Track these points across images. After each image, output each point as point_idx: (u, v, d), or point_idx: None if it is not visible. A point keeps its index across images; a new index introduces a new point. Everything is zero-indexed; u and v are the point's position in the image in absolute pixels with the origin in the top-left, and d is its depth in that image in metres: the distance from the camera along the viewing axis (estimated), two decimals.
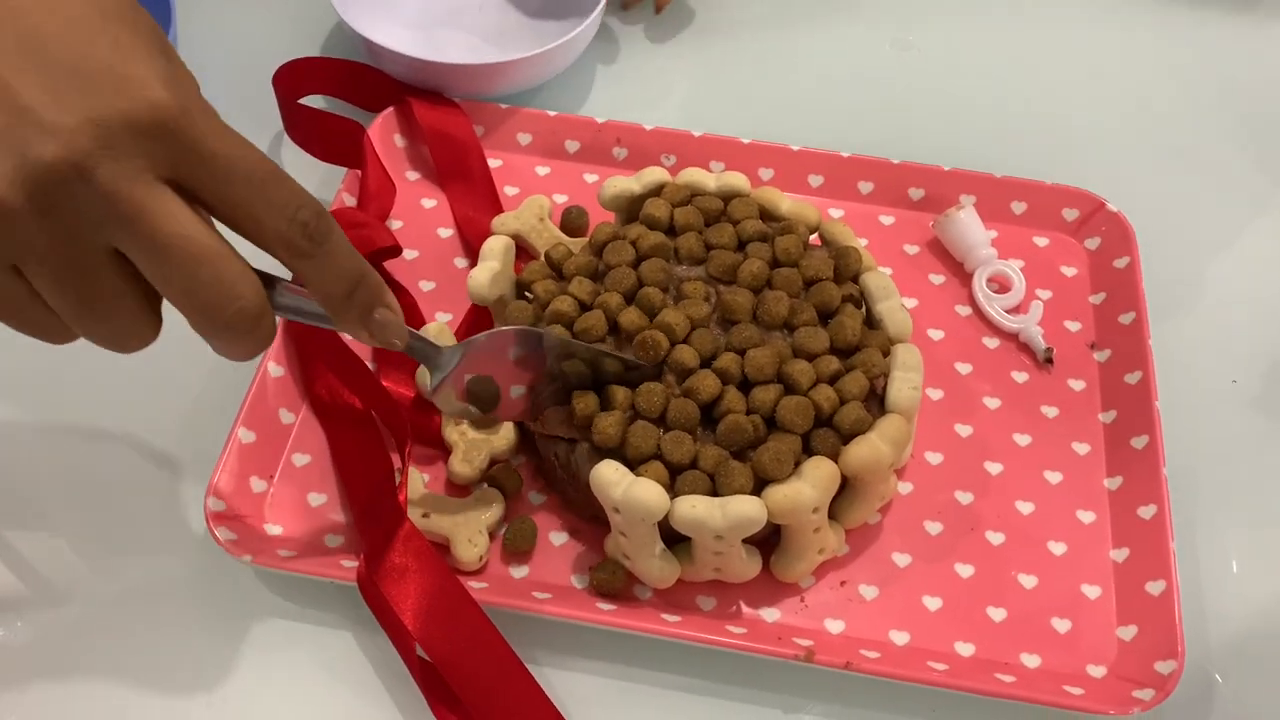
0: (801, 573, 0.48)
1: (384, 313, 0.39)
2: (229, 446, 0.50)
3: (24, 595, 0.49)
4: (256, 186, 0.33)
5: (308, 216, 0.34)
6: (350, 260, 0.37)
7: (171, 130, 0.32)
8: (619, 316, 0.49)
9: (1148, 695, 0.44)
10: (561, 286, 0.51)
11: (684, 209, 0.53)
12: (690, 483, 0.45)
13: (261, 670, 0.47)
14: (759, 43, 0.73)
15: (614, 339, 0.49)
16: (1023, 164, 0.63)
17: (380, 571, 0.45)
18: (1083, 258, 0.61)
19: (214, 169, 0.33)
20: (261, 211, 0.34)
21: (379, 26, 0.67)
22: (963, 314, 0.59)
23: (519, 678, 0.44)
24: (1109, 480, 0.53)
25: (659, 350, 0.48)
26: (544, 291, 0.51)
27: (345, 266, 0.37)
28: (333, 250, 0.36)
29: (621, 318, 0.49)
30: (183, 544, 0.50)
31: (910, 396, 0.47)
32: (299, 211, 0.34)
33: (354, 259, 0.37)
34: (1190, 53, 0.74)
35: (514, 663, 0.44)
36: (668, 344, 0.48)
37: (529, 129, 0.64)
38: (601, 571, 0.48)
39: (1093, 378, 0.56)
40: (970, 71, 0.72)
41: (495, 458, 0.51)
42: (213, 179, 0.33)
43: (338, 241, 0.36)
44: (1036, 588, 0.49)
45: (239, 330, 0.35)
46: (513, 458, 0.52)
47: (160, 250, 0.32)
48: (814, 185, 0.63)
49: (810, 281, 0.50)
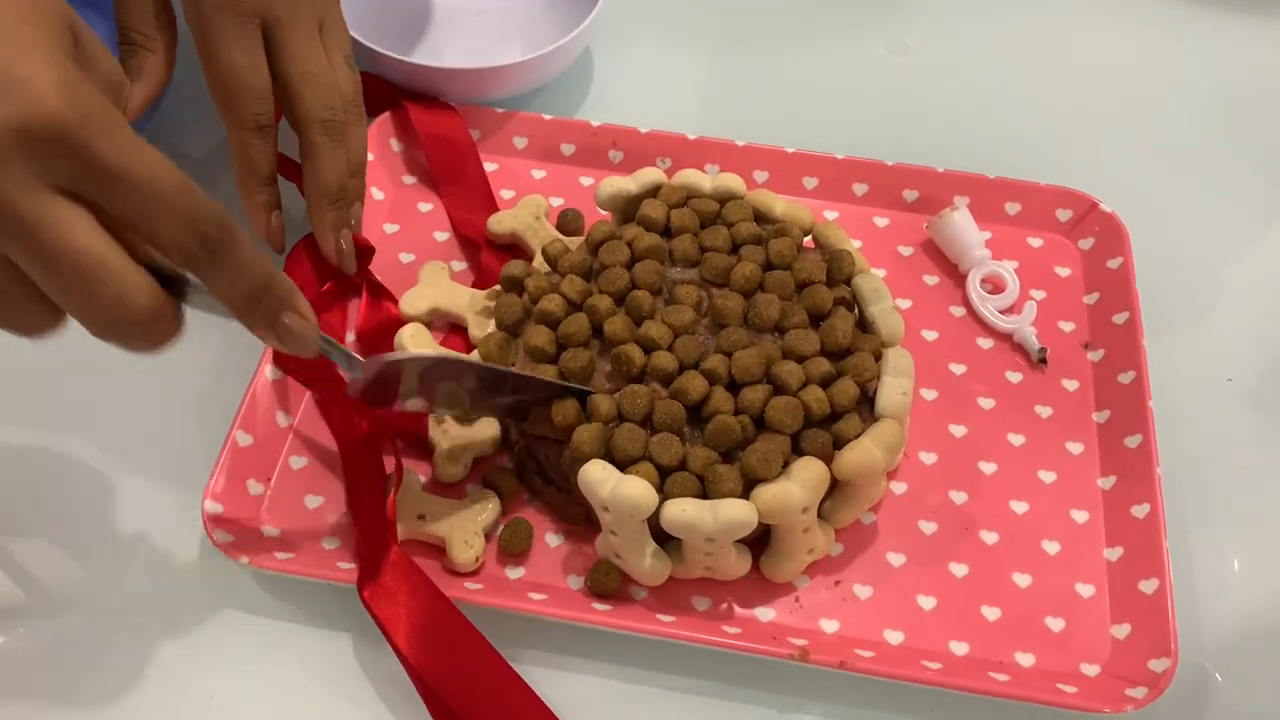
0: (791, 572, 0.48)
1: (293, 319, 0.40)
2: (226, 449, 0.50)
3: (24, 601, 0.49)
4: (154, 199, 0.33)
5: (208, 229, 0.35)
6: (254, 268, 0.37)
7: (64, 140, 0.31)
8: (605, 323, 0.49)
9: (1141, 693, 0.45)
10: (553, 283, 0.52)
11: (680, 210, 0.53)
12: (680, 485, 0.45)
13: (260, 672, 0.47)
14: (754, 46, 0.73)
15: (598, 342, 0.49)
16: (1016, 165, 0.63)
17: (372, 593, 0.46)
18: (1076, 258, 0.61)
19: (109, 180, 0.33)
20: (158, 223, 0.34)
21: (375, 31, 0.67)
22: (957, 315, 0.59)
23: (519, 694, 0.44)
24: (1103, 480, 0.53)
25: (632, 367, 0.47)
26: (535, 287, 0.51)
27: (248, 275, 0.37)
28: (235, 260, 0.36)
29: (607, 326, 0.49)
30: (181, 547, 0.50)
31: (900, 402, 0.47)
32: (199, 224, 0.34)
33: (258, 267, 0.37)
34: (1182, 52, 0.74)
35: (512, 678, 0.44)
36: (642, 362, 0.48)
37: (525, 132, 0.64)
38: (596, 572, 0.48)
39: (1086, 378, 0.56)
40: (964, 73, 0.72)
41: (481, 454, 0.52)
42: (108, 190, 0.33)
43: (241, 251, 0.36)
44: (1030, 587, 0.50)
45: (132, 336, 0.35)
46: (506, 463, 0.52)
47: (46, 263, 0.33)
48: (809, 187, 0.63)
49: (802, 284, 0.50)
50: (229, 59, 0.49)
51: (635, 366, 0.48)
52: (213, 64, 0.49)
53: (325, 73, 0.52)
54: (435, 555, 0.49)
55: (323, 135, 0.52)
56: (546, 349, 0.49)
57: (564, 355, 0.49)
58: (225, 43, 0.49)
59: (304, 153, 0.53)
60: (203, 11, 0.48)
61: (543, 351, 0.49)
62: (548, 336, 0.49)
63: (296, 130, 0.53)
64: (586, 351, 0.49)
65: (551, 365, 0.49)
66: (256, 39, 0.50)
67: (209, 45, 0.49)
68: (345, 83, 0.53)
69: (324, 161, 0.52)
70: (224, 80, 0.49)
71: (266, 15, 0.50)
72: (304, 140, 0.52)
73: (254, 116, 0.50)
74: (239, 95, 0.50)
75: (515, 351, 0.51)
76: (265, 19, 0.50)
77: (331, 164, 0.53)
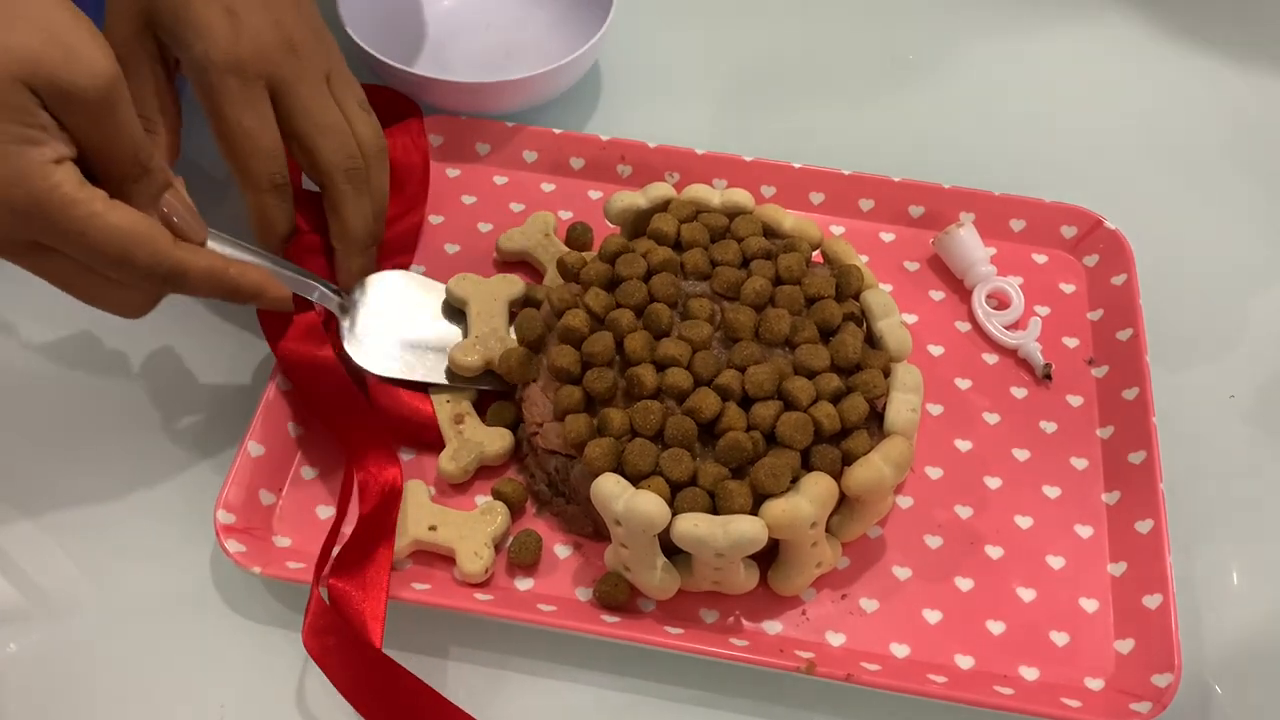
0: (799, 586, 0.48)
1: (176, 195, 0.45)
2: (238, 459, 0.51)
3: (36, 608, 0.50)
4: None
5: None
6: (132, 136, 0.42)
7: None
8: (625, 339, 0.49)
9: (1145, 708, 0.45)
10: (575, 296, 0.52)
11: (690, 225, 0.53)
12: (690, 500, 0.45)
13: (272, 682, 0.48)
14: (761, 62, 0.74)
15: (619, 358, 0.50)
16: (1022, 182, 0.63)
17: (311, 641, 0.45)
18: (1081, 275, 0.62)
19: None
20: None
21: (386, 44, 0.68)
22: (962, 330, 0.59)
23: None
24: (1107, 495, 0.53)
25: (643, 389, 0.48)
26: (558, 299, 0.52)
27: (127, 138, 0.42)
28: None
29: (627, 343, 0.49)
30: (193, 556, 0.51)
31: (909, 419, 0.48)
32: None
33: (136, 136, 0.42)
34: (1189, 71, 0.74)
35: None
36: (654, 384, 0.48)
37: (534, 146, 0.65)
38: (605, 584, 0.48)
39: (1091, 393, 0.57)
40: (970, 89, 0.73)
41: (485, 462, 0.52)
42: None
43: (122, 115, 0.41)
44: (1035, 601, 0.50)
45: None
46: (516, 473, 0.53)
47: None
48: (815, 202, 0.63)
49: (812, 299, 0.51)
50: (238, 123, 0.49)
51: (646, 389, 0.48)
52: (223, 129, 0.50)
53: (339, 123, 0.52)
54: (445, 565, 0.50)
55: (347, 184, 0.52)
56: (572, 369, 0.49)
57: (589, 375, 0.49)
58: (234, 107, 0.49)
59: (329, 204, 0.53)
60: (208, 79, 0.49)
61: (568, 372, 0.49)
62: (573, 357, 0.49)
63: (320, 184, 0.53)
64: (611, 371, 0.49)
65: (576, 386, 0.49)
66: (264, 100, 0.50)
67: (217, 111, 0.49)
68: (363, 129, 0.53)
69: (350, 210, 0.53)
70: (235, 144, 0.50)
71: (272, 75, 0.50)
72: (328, 192, 0.53)
73: (269, 177, 0.51)
74: (252, 157, 0.50)
75: (536, 368, 0.52)
76: (271, 80, 0.50)
77: (358, 212, 0.53)
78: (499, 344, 0.54)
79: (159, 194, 0.45)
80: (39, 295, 0.59)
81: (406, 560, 0.50)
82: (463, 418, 0.53)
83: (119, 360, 0.57)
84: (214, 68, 0.49)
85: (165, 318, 0.58)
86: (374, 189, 0.54)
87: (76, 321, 0.58)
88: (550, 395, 0.50)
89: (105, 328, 0.58)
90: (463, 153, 0.65)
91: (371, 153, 0.54)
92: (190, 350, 0.58)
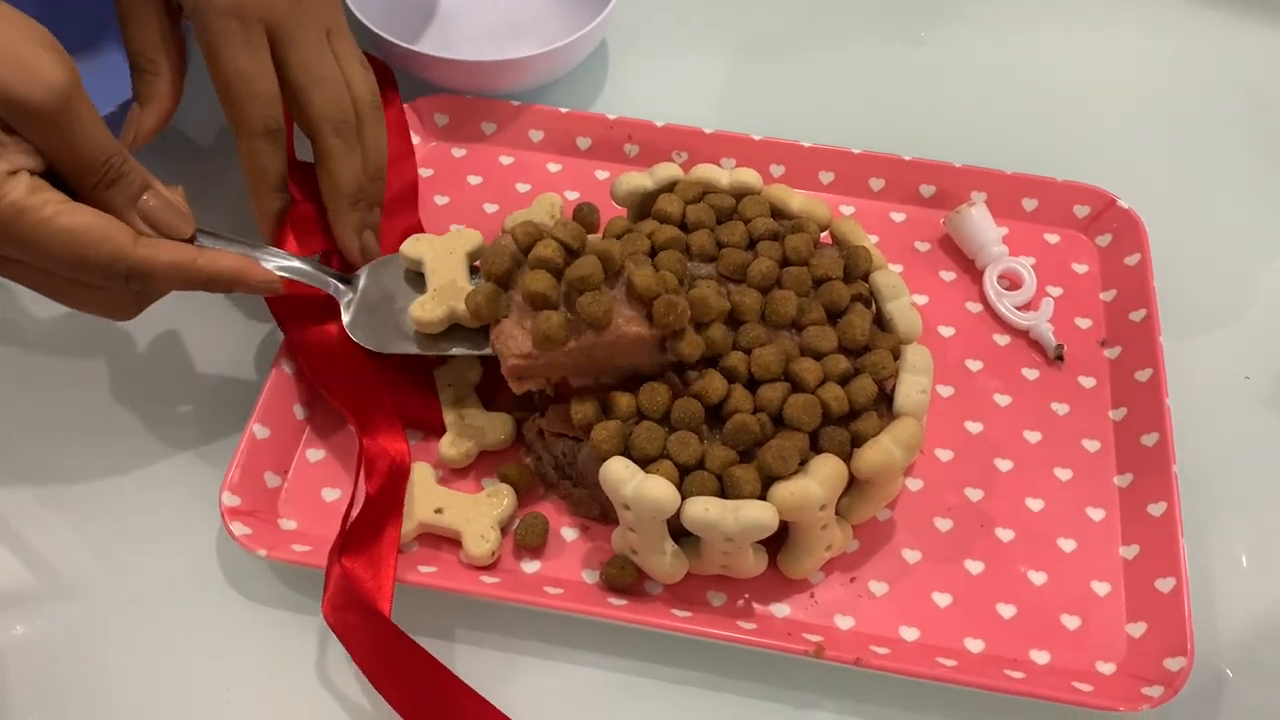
0: (809, 569, 0.48)
1: (155, 196, 0.45)
2: (244, 442, 0.50)
3: (43, 591, 0.50)
4: None
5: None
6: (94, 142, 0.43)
7: None
8: (634, 277, 0.46)
9: (1157, 692, 0.45)
10: (540, 228, 0.49)
11: (696, 206, 0.53)
12: (698, 483, 0.45)
13: (277, 663, 0.48)
14: (769, 39, 0.73)
15: (612, 286, 0.47)
16: (1034, 161, 0.63)
17: (332, 616, 0.45)
18: (1094, 255, 0.61)
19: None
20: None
21: (390, 23, 0.67)
22: (973, 311, 0.59)
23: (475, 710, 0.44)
24: (1119, 478, 0.53)
25: (680, 318, 0.45)
26: (524, 235, 0.49)
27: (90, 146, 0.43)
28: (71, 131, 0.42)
29: (638, 279, 0.46)
30: (199, 539, 0.51)
31: (918, 400, 0.47)
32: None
33: (99, 141, 0.43)
34: (1202, 48, 0.73)
35: (468, 695, 0.44)
36: (688, 311, 0.46)
37: (540, 125, 0.64)
38: (612, 567, 0.48)
39: (1103, 375, 0.56)
40: (981, 67, 0.72)
41: (486, 448, 0.52)
42: None
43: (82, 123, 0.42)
44: (1046, 584, 0.50)
45: None
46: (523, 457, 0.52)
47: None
48: (825, 182, 0.63)
49: (819, 280, 0.50)
50: (235, 65, 0.49)
51: (683, 317, 0.46)
52: (219, 71, 0.49)
53: (334, 77, 0.52)
54: (451, 548, 0.50)
55: (335, 137, 0.52)
56: (549, 294, 0.46)
57: (582, 300, 0.46)
58: (231, 49, 0.49)
59: (318, 158, 0.53)
60: (207, 20, 0.48)
61: (544, 297, 0.46)
62: (549, 281, 0.46)
63: (310, 136, 0.52)
64: (607, 294, 0.46)
65: (555, 312, 0.46)
66: (263, 44, 0.49)
67: (215, 52, 0.49)
68: (358, 84, 0.53)
69: (338, 164, 0.52)
70: (231, 87, 0.49)
71: (272, 21, 0.49)
72: (317, 144, 0.52)
73: (263, 121, 0.50)
74: (246, 100, 0.50)
75: (505, 305, 0.48)
76: (271, 25, 0.49)
77: (346, 165, 0.52)
78: (459, 294, 0.51)
79: (136, 196, 0.45)
80: None
81: (413, 543, 0.50)
82: (464, 402, 0.53)
83: (126, 343, 0.57)
84: (214, 9, 0.48)
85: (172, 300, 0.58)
86: (368, 147, 0.54)
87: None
88: (526, 325, 0.47)
89: None
90: (468, 132, 0.65)
91: (365, 110, 0.53)
92: (196, 333, 0.57)
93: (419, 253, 0.53)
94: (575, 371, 0.48)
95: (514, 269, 0.49)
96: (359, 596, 0.45)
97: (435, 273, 0.52)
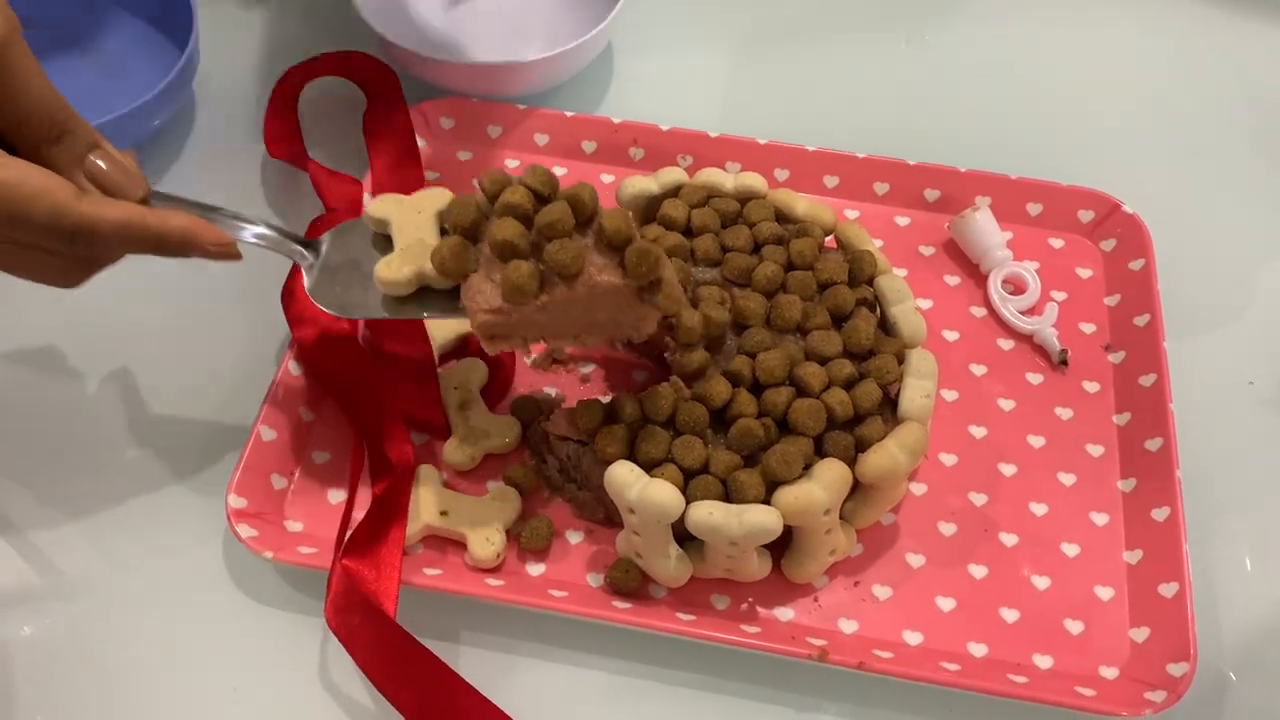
0: (813, 573, 0.48)
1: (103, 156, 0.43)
2: (250, 444, 0.51)
3: (49, 592, 0.50)
4: None
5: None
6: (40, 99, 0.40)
7: None
8: (604, 220, 0.43)
9: (1159, 697, 0.45)
10: (508, 177, 0.45)
11: (701, 210, 0.53)
12: (703, 488, 0.45)
13: (283, 663, 0.48)
14: (774, 44, 0.73)
15: (584, 234, 0.44)
16: (1038, 165, 0.63)
17: (334, 619, 0.45)
18: (1098, 259, 0.61)
19: None
20: None
21: (396, 26, 0.67)
22: (978, 315, 0.59)
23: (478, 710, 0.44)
24: (1122, 482, 0.53)
25: (654, 267, 0.42)
26: (490, 183, 0.45)
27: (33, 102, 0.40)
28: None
29: (608, 223, 0.43)
30: (205, 540, 0.51)
31: (923, 405, 0.48)
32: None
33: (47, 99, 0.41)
34: (1207, 53, 0.73)
35: (470, 695, 0.44)
36: (663, 260, 0.43)
37: (546, 129, 0.64)
38: (616, 570, 0.48)
39: (1107, 380, 0.56)
40: (986, 72, 0.72)
41: (491, 451, 0.52)
42: None
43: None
44: (1049, 589, 0.50)
45: None
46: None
47: None
48: (829, 186, 0.63)
49: (824, 285, 0.50)
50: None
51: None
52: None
53: None
54: (456, 551, 0.50)
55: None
56: (518, 243, 0.43)
57: (550, 247, 0.43)
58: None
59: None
60: None
61: (512, 246, 0.43)
62: (517, 229, 0.43)
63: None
64: (578, 241, 0.43)
65: (525, 262, 0.43)
66: None
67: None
68: None
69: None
70: None
71: None
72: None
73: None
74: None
75: (474, 260, 0.45)
76: None
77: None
78: (427, 254, 0.46)
79: (83, 155, 0.42)
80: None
81: (418, 545, 0.50)
82: (469, 405, 0.53)
83: (131, 345, 0.57)
84: None
85: (177, 302, 0.58)
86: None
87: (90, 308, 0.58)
88: (495, 279, 0.44)
89: (118, 313, 0.58)
90: (474, 136, 0.65)
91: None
92: (203, 334, 0.58)
93: (385, 212, 0.49)
94: (552, 331, 0.45)
95: (481, 220, 0.45)
96: (363, 598, 0.45)
97: (402, 232, 0.48)
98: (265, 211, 0.63)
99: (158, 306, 0.58)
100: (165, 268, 0.47)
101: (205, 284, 0.58)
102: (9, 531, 0.51)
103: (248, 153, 0.64)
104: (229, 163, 0.64)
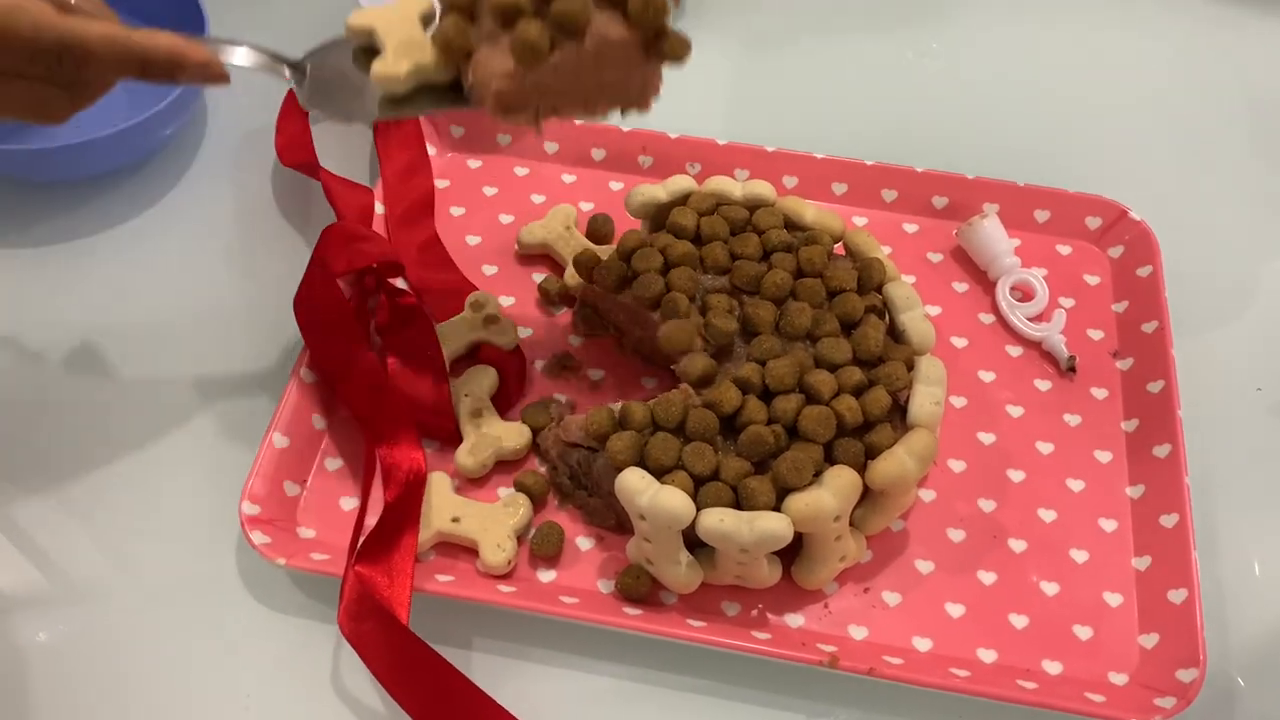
0: (823, 580, 0.48)
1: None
2: (263, 451, 0.51)
3: (64, 599, 0.50)
4: None
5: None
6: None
7: None
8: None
9: (1169, 703, 0.45)
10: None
11: (710, 218, 0.53)
12: (713, 494, 0.45)
13: (296, 669, 0.48)
14: (782, 51, 0.74)
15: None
16: (1046, 172, 0.63)
17: (347, 626, 0.46)
18: (1105, 266, 0.61)
19: None
20: None
21: None
22: (986, 322, 0.59)
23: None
24: (1131, 489, 0.53)
25: (659, 12, 0.42)
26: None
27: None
28: None
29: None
30: (219, 547, 0.51)
31: (932, 412, 0.48)
32: None
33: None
34: (1214, 61, 0.73)
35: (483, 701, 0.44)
36: (666, 4, 0.43)
37: (555, 137, 0.65)
38: (627, 576, 0.48)
39: (1115, 386, 0.56)
40: (993, 79, 0.72)
41: (502, 457, 0.52)
42: None
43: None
44: (1058, 595, 0.50)
45: None
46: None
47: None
48: (838, 193, 0.63)
49: (834, 292, 0.51)
50: None
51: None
52: None
53: None
54: (468, 557, 0.50)
55: None
56: (521, 4, 0.42)
57: (557, 1, 0.42)
58: None
59: None
60: None
61: (518, 7, 0.42)
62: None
63: None
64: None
65: (534, 20, 0.42)
66: None
67: None
68: None
69: None
70: None
71: None
72: None
73: None
74: None
75: (475, 39, 0.44)
76: None
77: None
78: (421, 49, 0.46)
79: None
80: (72, 283, 0.60)
81: (430, 552, 0.50)
82: (480, 412, 0.53)
83: (146, 352, 0.58)
84: None
85: (192, 310, 0.59)
86: None
87: (105, 314, 0.59)
88: (503, 45, 0.43)
89: (134, 319, 0.58)
90: (484, 144, 0.65)
91: None
92: (217, 341, 0.58)
93: (368, 22, 0.48)
94: (564, 99, 0.44)
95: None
96: (376, 605, 0.46)
97: (390, 35, 0.47)
98: (278, 221, 0.63)
99: (172, 313, 0.59)
100: (178, 270, 0.47)
101: (219, 290, 0.59)
102: (24, 538, 0.51)
103: (259, 162, 0.65)
104: (241, 171, 0.65)
